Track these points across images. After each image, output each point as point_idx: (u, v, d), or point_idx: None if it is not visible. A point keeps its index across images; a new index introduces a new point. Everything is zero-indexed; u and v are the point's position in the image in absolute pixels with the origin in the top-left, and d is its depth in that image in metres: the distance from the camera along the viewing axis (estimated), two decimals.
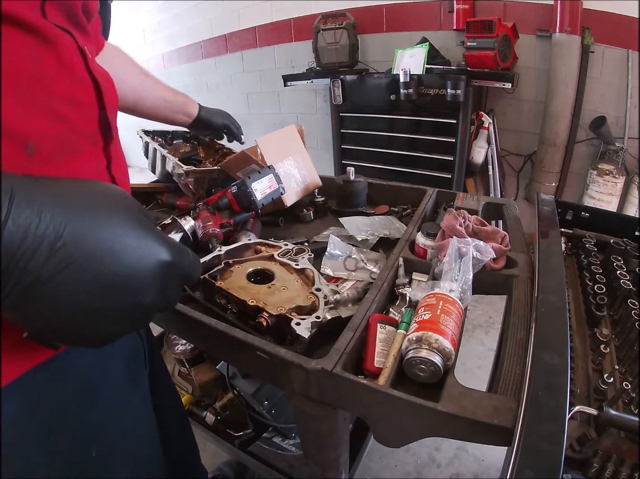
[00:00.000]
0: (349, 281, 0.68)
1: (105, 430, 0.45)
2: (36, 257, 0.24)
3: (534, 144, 2.13)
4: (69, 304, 0.27)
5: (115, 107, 0.46)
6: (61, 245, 0.25)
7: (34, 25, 0.32)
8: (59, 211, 0.26)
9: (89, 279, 0.27)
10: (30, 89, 0.33)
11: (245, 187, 0.81)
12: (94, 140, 0.41)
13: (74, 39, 0.37)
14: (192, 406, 1.16)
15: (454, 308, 0.51)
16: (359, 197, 1.00)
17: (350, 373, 0.47)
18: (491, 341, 1.75)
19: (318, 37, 2.30)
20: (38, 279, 0.25)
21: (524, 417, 0.37)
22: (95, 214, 0.28)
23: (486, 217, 0.79)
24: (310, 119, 2.87)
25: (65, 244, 0.25)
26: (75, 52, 0.37)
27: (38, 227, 0.24)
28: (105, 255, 0.28)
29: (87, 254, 0.27)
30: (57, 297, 0.26)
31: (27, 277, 0.24)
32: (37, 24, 0.32)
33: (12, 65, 0.31)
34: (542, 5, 1.85)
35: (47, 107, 0.34)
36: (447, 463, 1.28)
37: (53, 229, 0.25)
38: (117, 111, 0.47)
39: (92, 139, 0.41)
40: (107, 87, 0.42)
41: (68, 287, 0.26)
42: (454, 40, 2.12)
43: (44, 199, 0.26)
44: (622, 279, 0.58)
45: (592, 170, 1.91)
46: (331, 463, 0.65)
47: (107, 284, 0.28)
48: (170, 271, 0.33)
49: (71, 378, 0.41)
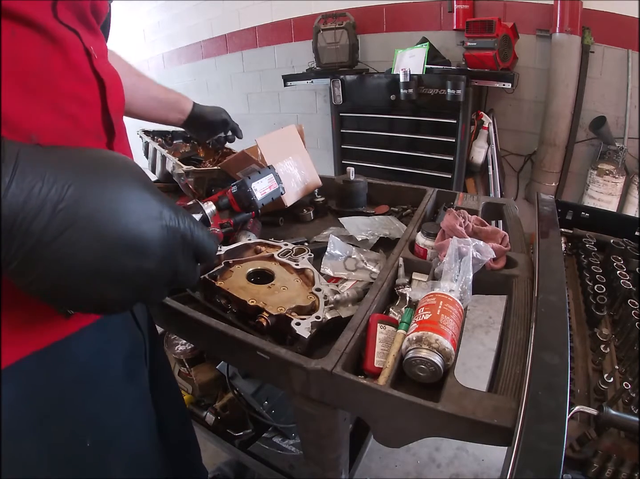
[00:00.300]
0: (349, 281, 0.68)
1: (101, 422, 0.45)
2: (39, 219, 0.25)
3: (534, 144, 2.13)
4: (71, 265, 0.27)
5: (121, 106, 0.46)
6: (63, 207, 0.26)
7: (44, 26, 0.33)
8: (62, 173, 0.26)
9: (90, 240, 0.27)
10: (36, 86, 0.33)
11: (245, 187, 0.81)
12: (97, 136, 0.41)
13: (81, 39, 0.38)
14: (192, 406, 1.16)
15: (454, 308, 0.51)
16: (359, 197, 1.00)
17: (350, 373, 0.47)
18: (491, 341, 1.75)
19: (318, 37, 2.30)
20: (40, 240, 0.25)
21: (524, 417, 0.37)
22: (100, 176, 0.28)
23: (486, 217, 0.79)
24: (310, 119, 2.87)
25: (67, 205, 0.26)
26: (80, 52, 0.38)
27: (41, 190, 0.25)
28: (108, 216, 0.28)
29: (89, 214, 0.27)
30: (60, 258, 0.26)
31: (30, 239, 0.25)
32: (47, 25, 0.33)
33: (21, 62, 0.31)
34: (542, 5, 1.85)
35: (52, 104, 0.35)
36: (447, 463, 1.28)
37: (56, 191, 0.25)
38: (122, 110, 0.47)
39: (95, 135, 0.41)
40: (112, 87, 0.42)
41: (70, 248, 0.26)
42: (454, 40, 2.12)
43: (48, 163, 0.26)
44: (622, 279, 0.58)
45: (592, 170, 1.91)
46: (331, 463, 0.65)
47: (108, 246, 0.28)
48: (177, 238, 0.32)
49: (69, 367, 0.41)
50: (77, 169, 0.27)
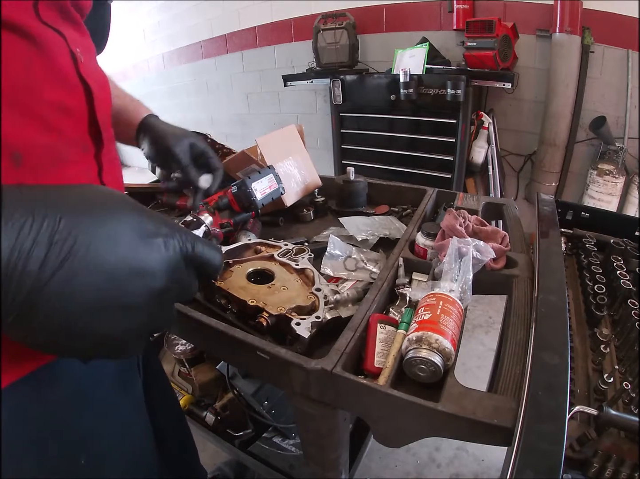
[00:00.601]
0: (349, 281, 0.68)
1: (95, 437, 0.45)
2: (35, 254, 0.23)
3: (534, 144, 2.13)
4: (77, 301, 0.25)
5: (108, 110, 0.45)
6: (59, 238, 0.24)
7: (28, 29, 0.31)
8: (52, 207, 0.24)
9: (91, 270, 0.25)
10: (21, 97, 0.32)
11: (245, 187, 0.81)
12: (84, 147, 0.40)
13: (66, 40, 0.36)
14: (192, 406, 1.16)
15: (454, 308, 0.51)
16: (359, 197, 1.00)
17: (350, 373, 0.47)
18: (491, 341, 1.75)
19: (318, 37, 2.30)
20: (39, 278, 0.23)
21: (524, 417, 0.37)
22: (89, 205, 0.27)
23: (486, 217, 0.79)
24: (310, 119, 2.88)
25: (62, 236, 0.24)
26: (66, 56, 0.36)
27: (33, 225, 0.23)
28: (105, 243, 0.26)
29: (86, 243, 0.25)
30: (63, 294, 0.24)
31: (28, 279, 0.23)
32: (30, 28, 0.32)
33: (5, 73, 0.30)
34: (542, 5, 1.85)
35: (37, 116, 0.33)
36: (447, 463, 1.28)
37: (48, 225, 0.24)
38: (109, 114, 0.46)
39: (82, 146, 0.40)
40: (99, 91, 0.41)
41: (71, 282, 0.24)
42: (454, 40, 2.12)
43: (35, 197, 0.24)
44: (622, 279, 0.58)
45: (592, 170, 1.91)
46: (331, 463, 0.65)
47: (111, 272, 0.26)
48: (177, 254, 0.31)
49: (61, 386, 0.40)
50: (65, 201, 0.26)
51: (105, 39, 0.65)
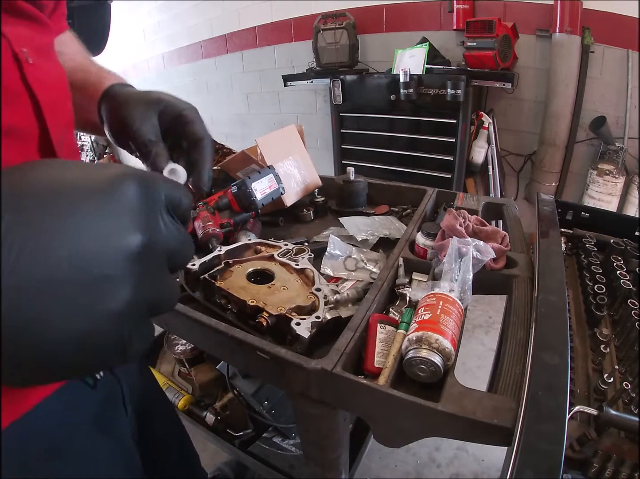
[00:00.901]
0: (349, 281, 0.68)
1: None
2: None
3: (534, 144, 2.13)
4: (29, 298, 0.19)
5: (67, 120, 0.39)
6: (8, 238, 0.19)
7: None
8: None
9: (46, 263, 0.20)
10: None
11: (245, 187, 0.81)
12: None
13: (8, 40, 0.31)
14: (192, 406, 1.16)
15: (454, 308, 0.51)
16: (359, 197, 1.00)
17: (350, 373, 0.47)
18: (491, 341, 1.75)
19: (318, 37, 2.30)
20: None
21: (524, 417, 0.37)
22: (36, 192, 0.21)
23: (486, 217, 0.79)
24: (310, 119, 2.88)
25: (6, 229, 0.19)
26: (9, 61, 0.31)
27: None
28: (61, 233, 0.20)
29: (35, 234, 0.20)
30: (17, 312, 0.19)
31: None
32: None
33: None
34: (542, 5, 1.85)
35: None
36: (447, 463, 1.28)
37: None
38: (67, 122, 0.39)
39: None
40: (52, 99, 0.34)
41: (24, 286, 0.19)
42: (454, 40, 2.12)
43: None
44: (622, 279, 0.58)
45: (592, 170, 1.91)
46: (331, 463, 0.65)
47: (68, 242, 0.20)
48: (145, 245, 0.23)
49: (34, 442, 0.38)
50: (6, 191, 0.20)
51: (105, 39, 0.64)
